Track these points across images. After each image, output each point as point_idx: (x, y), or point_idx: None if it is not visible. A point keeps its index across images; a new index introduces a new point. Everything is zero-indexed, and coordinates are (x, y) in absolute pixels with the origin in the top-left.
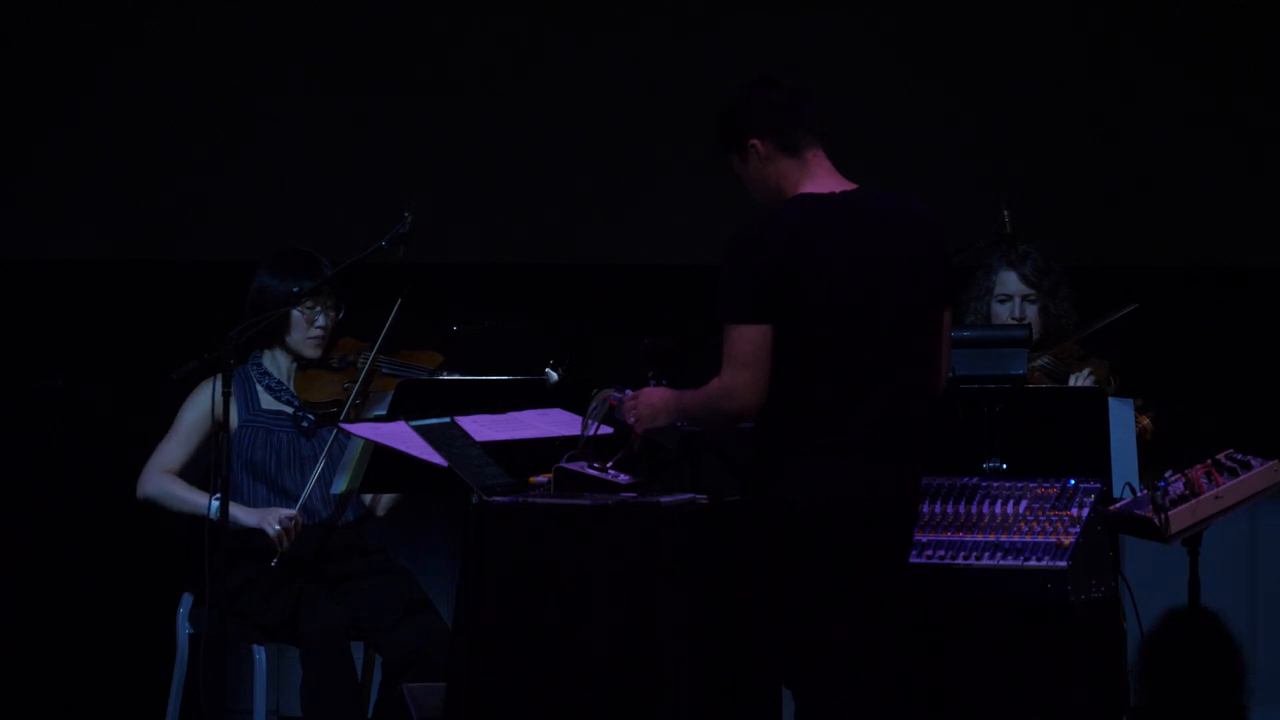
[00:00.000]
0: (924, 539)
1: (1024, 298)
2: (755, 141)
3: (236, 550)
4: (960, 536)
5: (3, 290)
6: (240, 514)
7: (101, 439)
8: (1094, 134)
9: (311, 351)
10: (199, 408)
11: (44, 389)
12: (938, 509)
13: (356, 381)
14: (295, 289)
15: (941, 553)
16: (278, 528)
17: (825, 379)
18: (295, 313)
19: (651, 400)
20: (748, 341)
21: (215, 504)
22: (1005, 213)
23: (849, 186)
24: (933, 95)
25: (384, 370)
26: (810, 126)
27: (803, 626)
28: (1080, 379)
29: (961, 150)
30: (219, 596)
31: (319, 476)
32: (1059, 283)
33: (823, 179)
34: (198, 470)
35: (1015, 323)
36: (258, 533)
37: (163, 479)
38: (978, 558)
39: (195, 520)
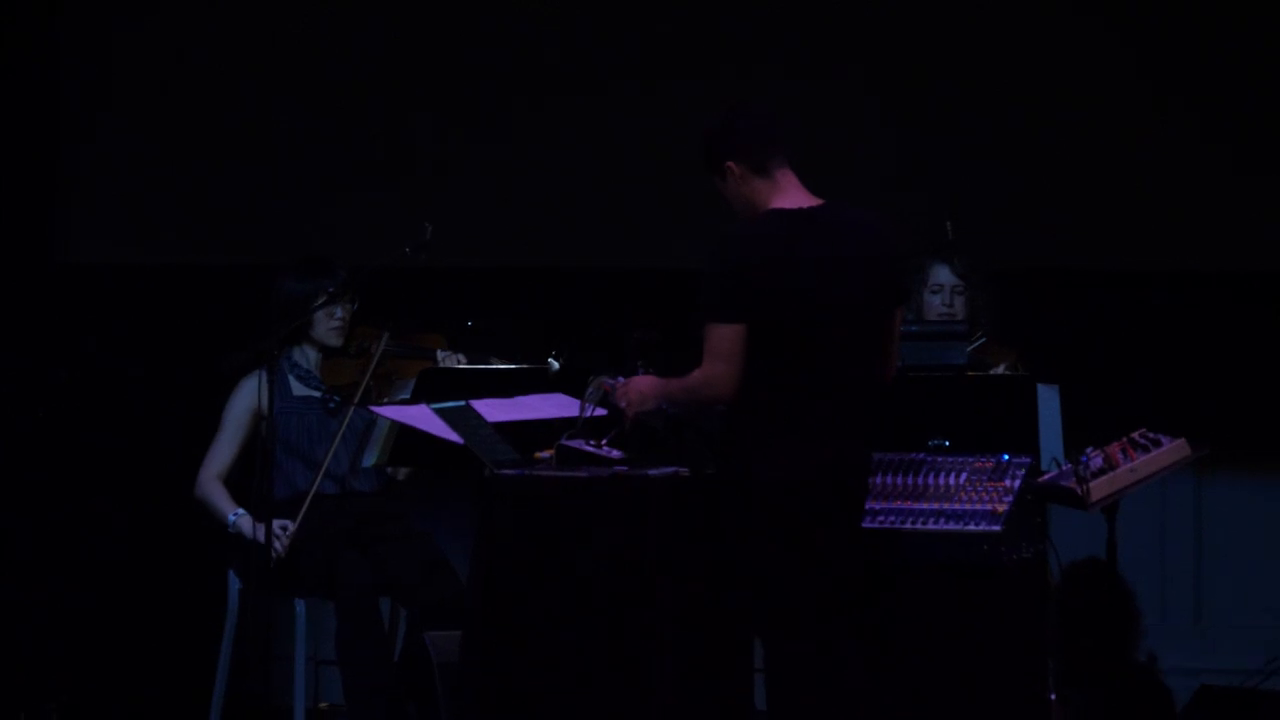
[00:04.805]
0: (876, 507)
1: (953, 289)
2: (730, 164)
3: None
4: (908, 505)
5: (44, 291)
6: (245, 525)
7: (153, 425)
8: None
9: (335, 340)
10: (241, 403)
11: (53, 379)
12: (888, 480)
13: (369, 364)
14: (324, 288)
15: (892, 519)
16: (276, 546)
17: (790, 370)
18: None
19: (641, 387)
20: (724, 338)
21: (232, 518)
22: (948, 223)
23: (815, 202)
24: (915, 108)
25: (394, 353)
26: (778, 149)
27: (769, 582)
28: (1000, 371)
29: (960, 157)
30: (269, 552)
31: (341, 442)
32: (985, 280)
33: (791, 195)
34: (245, 455)
35: (947, 311)
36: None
37: (209, 485)
38: (923, 523)
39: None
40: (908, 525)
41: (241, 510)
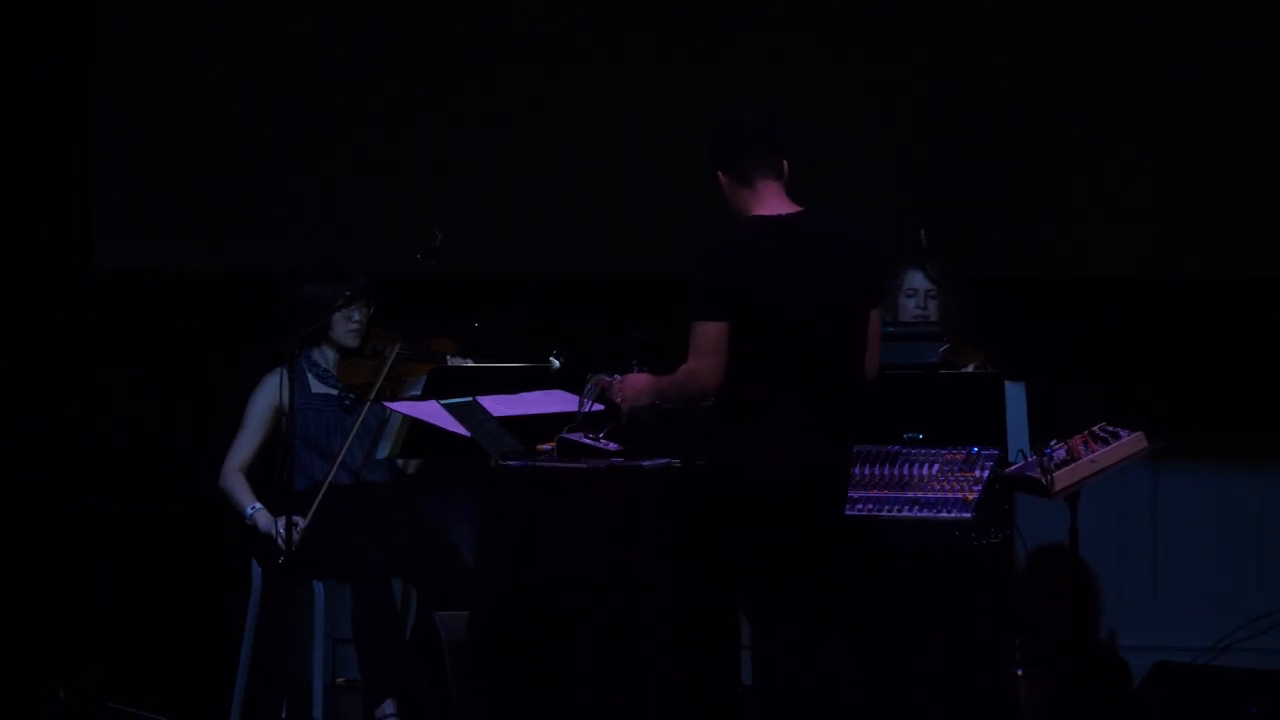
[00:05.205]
0: (855, 495)
1: (927, 293)
2: (719, 174)
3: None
4: (885, 493)
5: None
6: (261, 520)
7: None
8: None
9: (352, 341)
10: (263, 399)
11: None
12: (867, 471)
13: (383, 366)
14: (342, 293)
15: (870, 507)
16: (286, 535)
17: (771, 367)
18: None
19: (635, 384)
20: (707, 335)
21: (250, 511)
22: (921, 232)
23: (794, 209)
24: (900, 116)
25: (407, 357)
26: (762, 161)
27: (752, 565)
28: (970, 369)
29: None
30: (285, 546)
31: (355, 438)
32: (956, 284)
33: (772, 204)
34: (266, 448)
35: (921, 314)
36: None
37: (232, 478)
38: (899, 511)
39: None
40: (884, 513)
41: (259, 504)
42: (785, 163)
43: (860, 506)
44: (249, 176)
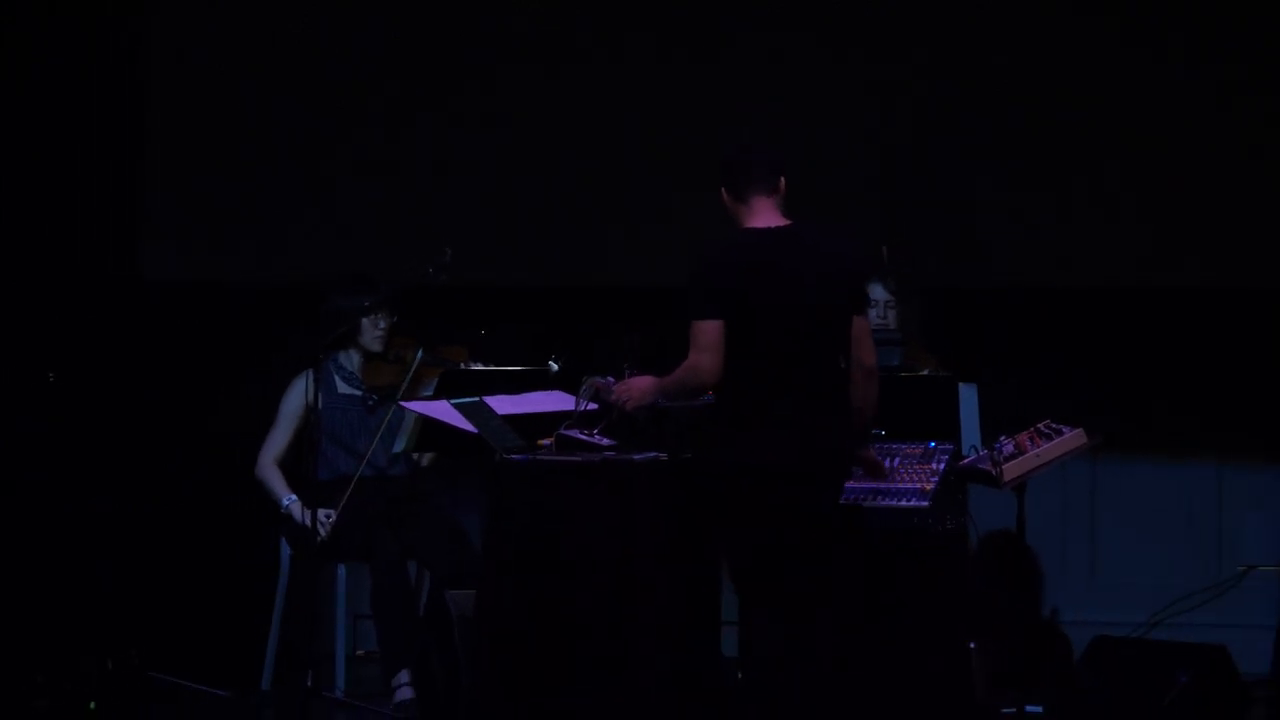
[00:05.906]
0: None
1: (886, 303)
2: (722, 190)
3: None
4: (851, 484)
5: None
6: (296, 511)
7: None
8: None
9: (379, 346)
10: (293, 400)
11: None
12: None
13: (406, 371)
14: (365, 303)
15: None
16: (320, 532)
17: (761, 366)
18: (364, 319)
19: (640, 385)
20: (704, 332)
21: (285, 503)
22: (884, 248)
23: (782, 223)
24: (893, 128)
25: (427, 362)
26: (756, 181)
27: (745, 558)
28: (926, 372)
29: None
30: (314, 531)
31: (380, 438)
32: (912, 295)
33: (764, 217)
34: (296, 444)
35: (881, 323)
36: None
37: (267, 470)
38: (863, 500)
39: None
40: (850, 501)
41: (294, 496)
42: (783, 180)
43: None
44: (248, 177)
